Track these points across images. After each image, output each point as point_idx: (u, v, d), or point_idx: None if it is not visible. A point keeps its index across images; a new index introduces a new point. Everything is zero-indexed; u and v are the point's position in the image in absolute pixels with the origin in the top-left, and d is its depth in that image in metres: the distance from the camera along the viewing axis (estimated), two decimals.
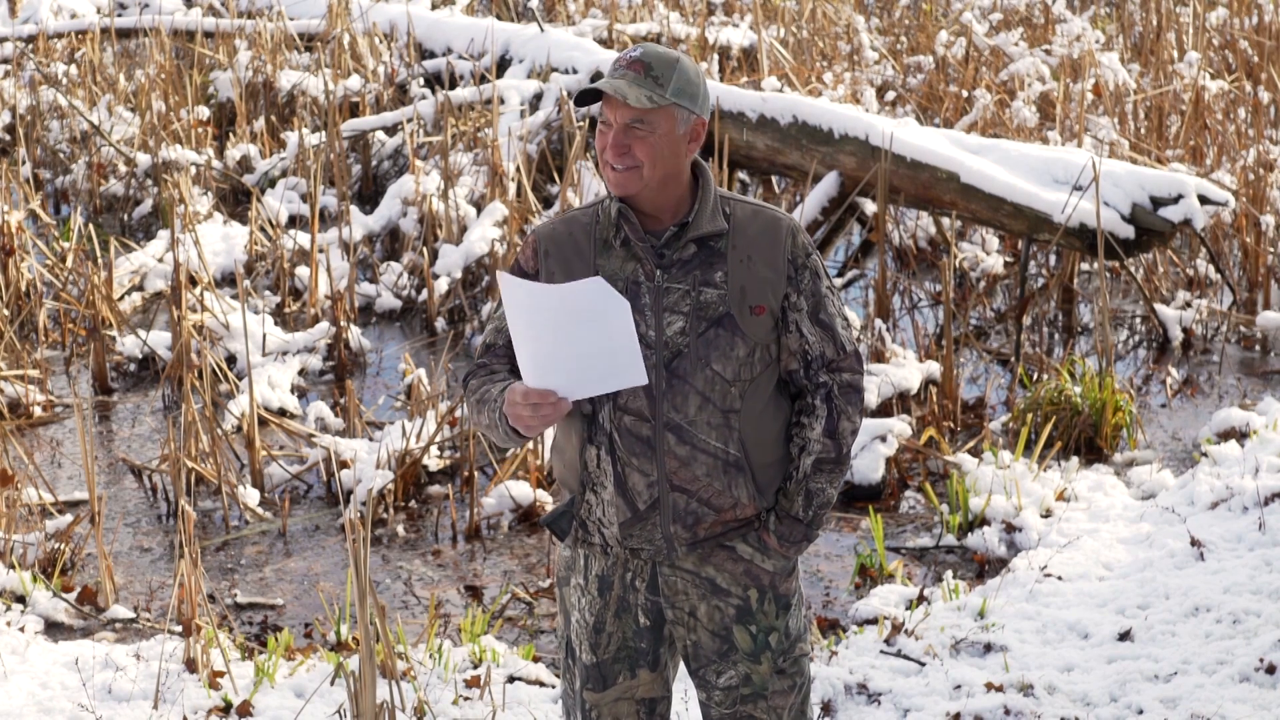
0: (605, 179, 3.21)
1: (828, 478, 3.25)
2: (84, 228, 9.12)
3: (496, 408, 3.17)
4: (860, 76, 11.53)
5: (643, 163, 3.15)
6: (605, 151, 3.17)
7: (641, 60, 3.15)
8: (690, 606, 3.29)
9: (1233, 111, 10.38)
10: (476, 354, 3.36)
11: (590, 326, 3.03)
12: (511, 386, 3.13)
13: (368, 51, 12.16)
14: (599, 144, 3.19)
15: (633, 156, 3.15)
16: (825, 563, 6.02)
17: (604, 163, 3.19)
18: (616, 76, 3.15)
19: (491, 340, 3.32)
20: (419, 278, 9.05)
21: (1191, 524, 5.89)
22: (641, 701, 3.36)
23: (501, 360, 3.29)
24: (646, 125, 3.15)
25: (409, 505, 6.56)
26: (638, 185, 3.17)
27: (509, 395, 3.12)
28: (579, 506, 3.26)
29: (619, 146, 3.15)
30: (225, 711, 4.76)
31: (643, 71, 3.14)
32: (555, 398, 3.08)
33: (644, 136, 3.15)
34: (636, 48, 3.19)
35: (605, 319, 3.02)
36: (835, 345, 3.25)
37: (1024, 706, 4.66)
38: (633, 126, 3.15)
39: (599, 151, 3.20)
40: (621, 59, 3.17)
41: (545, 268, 3.24)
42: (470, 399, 3.29)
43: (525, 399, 3.08)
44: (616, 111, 3.15)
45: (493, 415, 3.19)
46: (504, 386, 3.19)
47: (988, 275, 9.03)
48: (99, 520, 5.73)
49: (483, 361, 3.32)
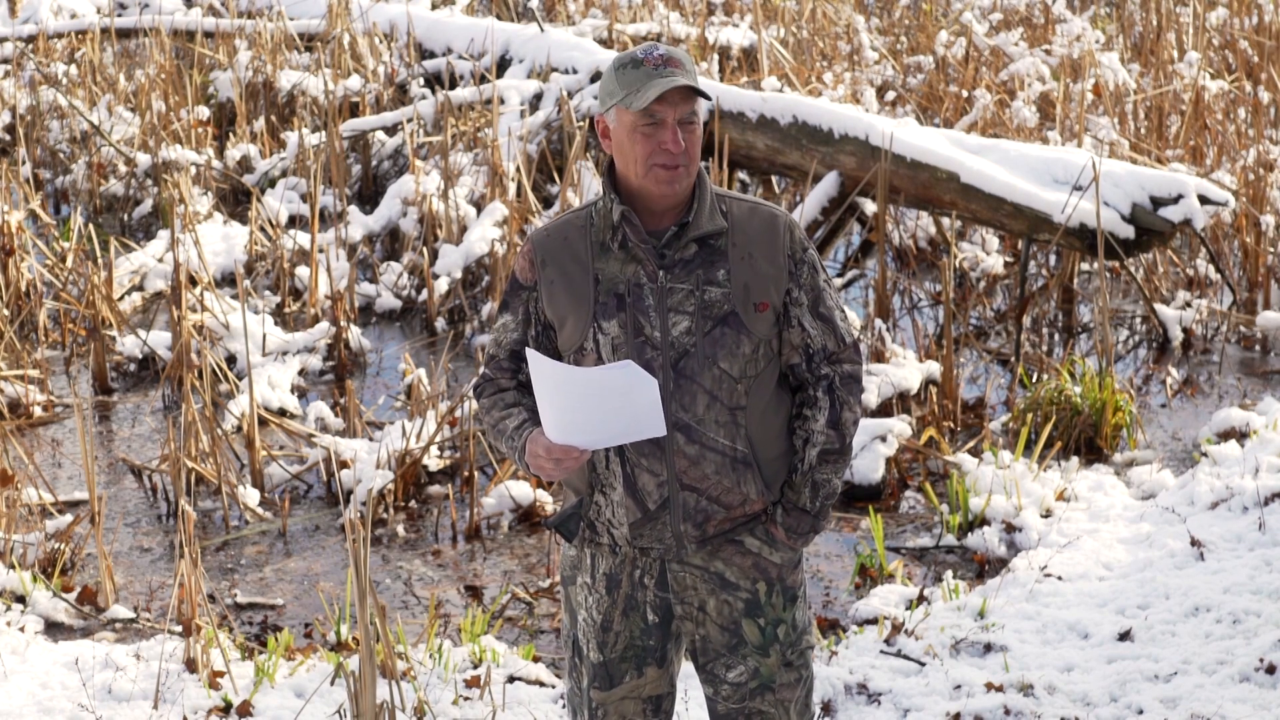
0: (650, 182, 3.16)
1: (832, 468, 3.28)
2: (84, 228, 9.12)
3: (516, 447, 3.24)
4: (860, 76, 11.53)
5: (691, 158, 3.17)
6: (656, 153, 3.13)
7: (673, 57, 3.15)
8: (699, 601, 3.30)
9: (1233, 111, 10.38)
10: (483, 360, 3.38)
11: (617, 399, 3.05)
12: (534, 438, 3.17)
13: (368, 51, 12.16)
14: (644, 148, 3.13)
15: (686, 153, 3.16)
16: (825, 563, 6.02)
17: (649, 166, 3.15)
18: (663, 75, 3.12)
19: (493, 352, 3.35)
20: (419, 278, 9.05)
21: (1191, 524, 5.89)
22: (647, 699, 3.37)
23: (505, 373, 3.32)
24: (696, 118, 3.17)
25: (409, 505, 6.56)
26: (685, 182, 3.18)
27: (531, 446, 3.17)
28: (587, 508, 3.27)
29: (678, 142, 3.14)
30: (225, 711, 4.76)
31: (681, 67, 3.15)
32: (577, 452, 3.12)
33: (694, 130, 3.17)
34: (655, 46, 3.18)
35: (632, 394, 3.05)
36: (836, 337, 3.28)
37: (1024, 706, 4.66)
38: (687, 122, 3.15)
39: (643, 155, 3.14)
40: (651, 58, 3.14)
41: (544, 277, 3.24)
42: (484, 418, 3.35)
43: (549, 454, 3.13)
44: (675, 109, 3.13)
45: (511, 448, 3.26)
46: (520, 423, 3.24)
47: (988, 275, 9.03)
48: (99, 520, 5.73)
49: (488, 374, 3.35)
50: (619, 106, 3.16)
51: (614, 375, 3.03)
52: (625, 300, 3.18)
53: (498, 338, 3.33)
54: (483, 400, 3.34)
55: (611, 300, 3.18)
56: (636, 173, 3.16)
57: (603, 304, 3.18)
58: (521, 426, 3.23)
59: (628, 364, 3.02)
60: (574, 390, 3.06)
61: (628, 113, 3.14)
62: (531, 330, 3.28)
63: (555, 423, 3.11)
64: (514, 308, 3.30)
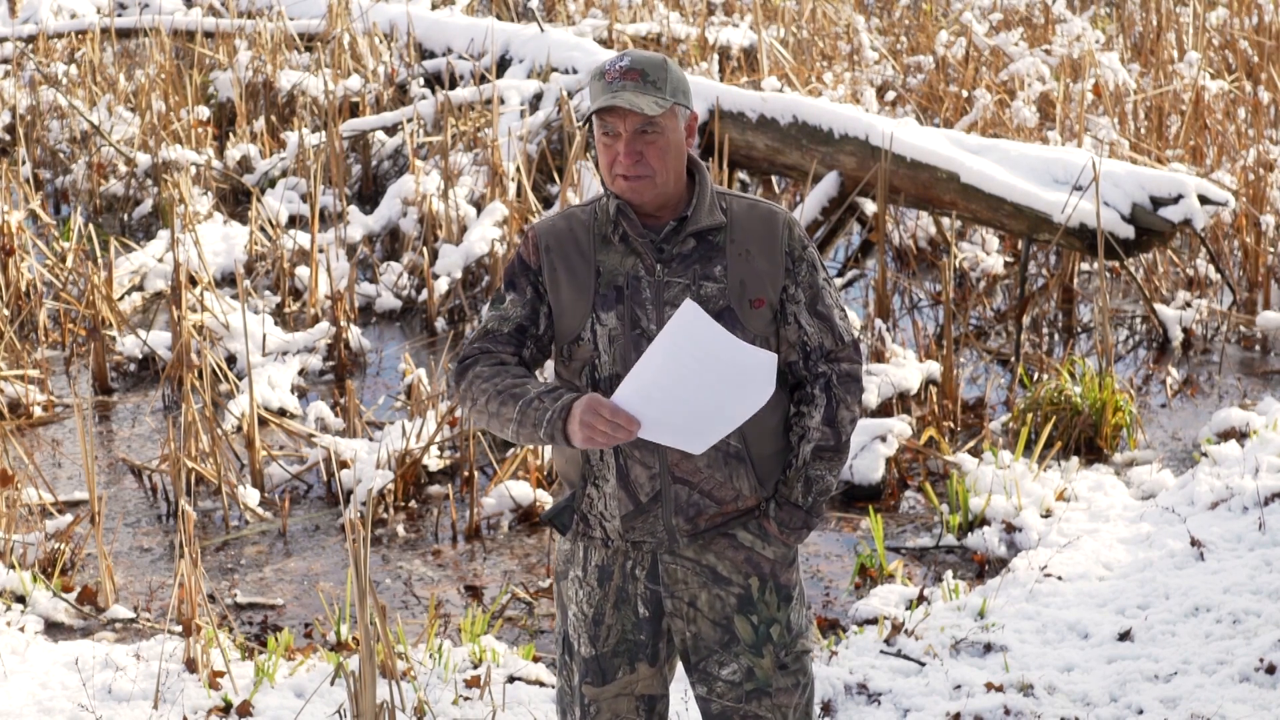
0: (615, 190, 3.19)
1: (827, 465, 3.28)
2: (84, 228, 9.12)
3: (548, 408, 3.07)
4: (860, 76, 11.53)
5: (655, 170, 3.16)
6: (615, 164, 3.16)
7: (634, 68, 3.15)
8: (690, 596, 3.30)
9: (1233, 111, 10.38)
10: (472, 338, 3.28)
11: (726, 389, 3.01)
12: (595, 398, 3.03)
13: (368, 51, 12.16)
14: (605, 157, 3.17)
15: (646, 164, 3.16)
16: (825, 563, 6.02)
17: (613, 175, 3.17)
18: (616, 89, 3.13)
19: (494, 326, 3.25)
20: (419, 278, 9.05)
21: (1191, 524, 5.89)
22: (641, 698, 3.37)
23: (506, 348, 3.23)
24: (656, 129, 3.16)
25: (409, 505, 6.56)
26: (651, 192, 3.18)
27: (593, 403, 3.02)
28: (580, 500, 3.27)
29: (632, 155, 3.14)
30: (225, 711, 4.76)
31: (640, 79, 3.14)
32: (636, 426, 3.02)
33: (655, 141, 3.16)
34: (622, 56, 3.18)
35: (746, 390, 3.02)
36: (834, 336, 3.28)
37: (1024, 706, 4.66)
38: (643, 133, 3.15)
39: (606, 165, 3.17)
40: (611, 71, 3.15)
41: (547, 262, 3.24)
42: (479, 384, 3.19)
43: (613, 415, 3.01)
44: (625, 121, 3.14)
45: (530, 412, 3.09)
46: (552, 388, 3.11)
47: (988, 275, 9.03)
48: (99, 520, 5.73)
49: (484, 346, 3.24)
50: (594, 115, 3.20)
51: (755, 358, 3.00)
52: (623, 293, 3.18)
53: (503, 313, 3.25)
54: (480, 368, 3.20)
55: (611, 292, 3.19)
56: (607, 180, 3.21)
57: (603, 295, 3.19)
58: (556, 390, 3.10)
59: (773, 356, 3.03)
60: (701, 356, 2.98)
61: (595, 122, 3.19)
62: (543, 308, 3.23)
63: (643, 386, 3.00)
64: (520, 287, 3.26)
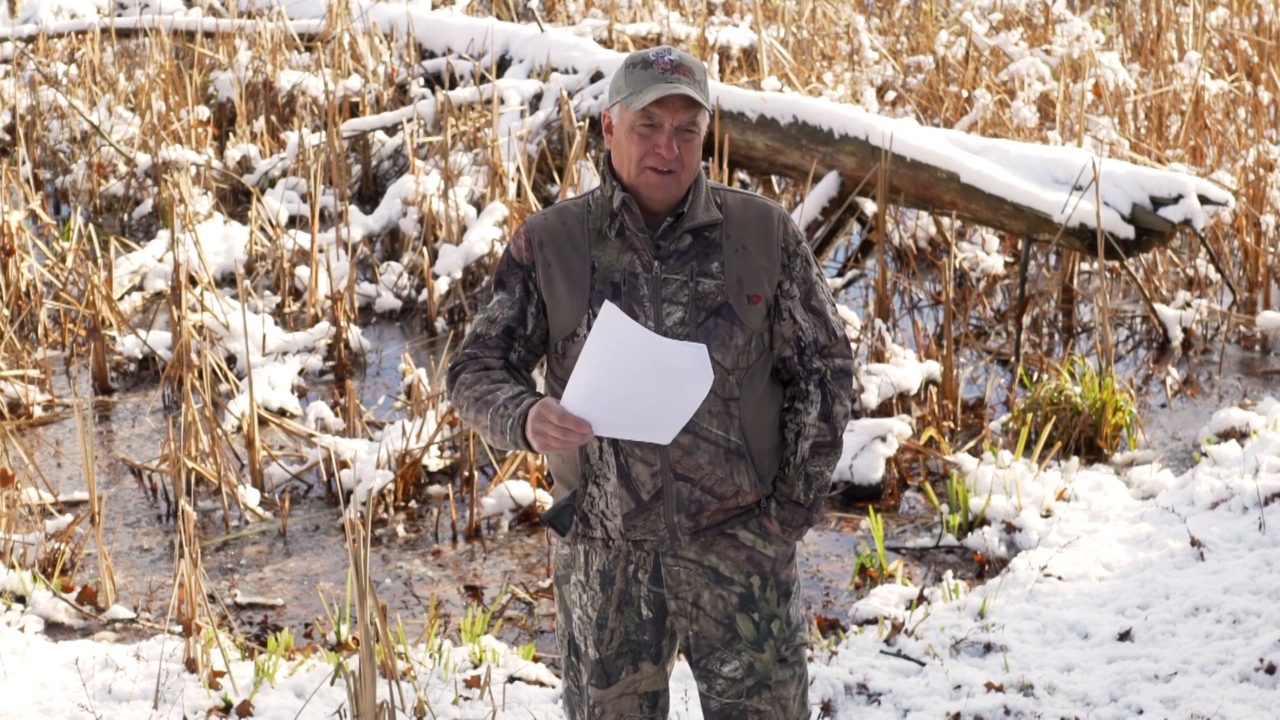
0: (638, 182, 3.18)
1: (824, 461, 3.31)
2: (84, 228, 9.12)
3: (510, 416, 3.09)
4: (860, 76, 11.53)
5: (686, 166, 3.18)
6: (649, 156, 3.16)
7: (683, 64, 3.16)
8: (694, 596, 3.31)
9: (1233, 111, 10.38)
10: (463, 343, 3.30)
11: (665, 384, 3.00)
12: (546, 404, 3.05)
13: (368, 51, 12.16)
14: (638, 148, 3.16)
15: (679, 160, 3.17)
16: (825, 563, 6.01)
17: (641, 167, 3.17)
18: (668, 80, 3.13)
19: (483, 330, 3.26)
20: (419, 278, 9.05)
21: (1191, 524, 5.89)
22: (644, 695, 3.39)
23: (493, 352, 3.25)
24: (695, 129, 3.18)
25: (409, 505, 6.56)
26: (675, 188, 3.19)
27: (541, 410, 3.04)
28: (581, 500, 3.27)
29: (672, 149, 3.15)
30: (225, 711, 4.76)
31: (689, 75, 3.16)
32: (587, 428, 3.03)
33: (690, 140, 3.18)
34: (667, 50, 3.19)
35: (683, 384, 3.00)
36: (827, 331, 3.30)
37: (1024, 706, 4.66)
38: (685, 130, 3.16)
39: (636, 156, 3.17)
40: (660, 62, 3.15)
41: (541, 258, 3.24)
42: (463, 392, 3.22)
43: (561, 421, 3.01)
44: (673, 115, 3.15)
45: (498, 420, 3.12)
46: (517, 394, 3.12)
47: (988, 275, 9.03)
48: (99, 520, 5.73)
49: (472, 352, 3.26)
50: (622, 104, 3.18)
51: (683, 353, 2.99)
52: (620, 289, 3.19)
53: (490, 315, 3.26)
54: (465, 375, 3.23)
55: (607, 288, 3.19)
56: (629, 172, 3.19)
57: (599, 291, 3.19)
58: (519, 396, 3.12)
59: (702, 348, 3.00)
60: (629, 357, 2.97)
61: (628, 112, 3.17)
62: (531, 308, 3.24)
63: (584, 389, 3.01)
64: (510, 286, 3.26)
